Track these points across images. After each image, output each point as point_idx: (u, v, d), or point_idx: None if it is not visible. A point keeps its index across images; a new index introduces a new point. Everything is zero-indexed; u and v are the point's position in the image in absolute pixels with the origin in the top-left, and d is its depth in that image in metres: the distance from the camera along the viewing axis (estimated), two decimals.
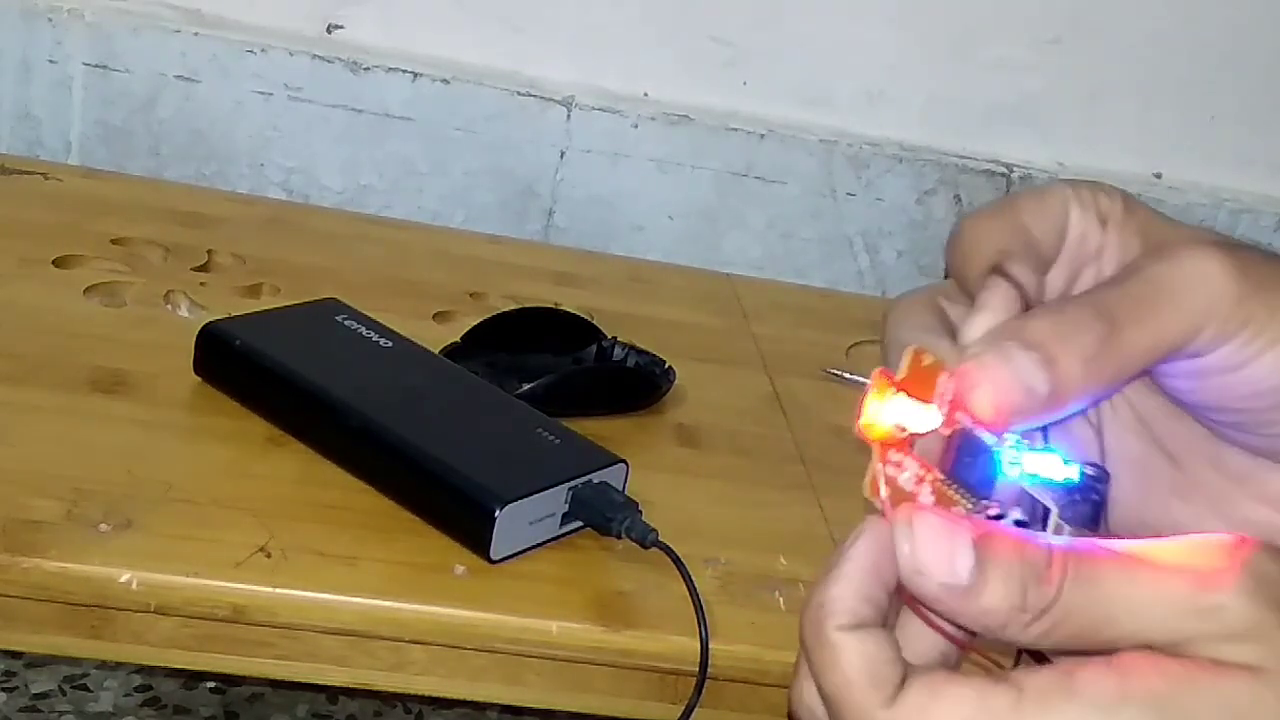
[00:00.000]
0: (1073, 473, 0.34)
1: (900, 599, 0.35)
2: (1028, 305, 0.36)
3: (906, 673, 0.33)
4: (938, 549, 0.32)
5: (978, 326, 0.35)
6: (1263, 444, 0.38)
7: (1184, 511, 0.40)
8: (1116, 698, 0.31)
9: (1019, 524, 0.33)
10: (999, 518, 0.33)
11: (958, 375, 0.34)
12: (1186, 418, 0.39)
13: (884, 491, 0.34)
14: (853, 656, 0.33)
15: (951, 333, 0.38)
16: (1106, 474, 0.36)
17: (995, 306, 0.36)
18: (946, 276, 0.40)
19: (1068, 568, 0.32)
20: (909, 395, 0.34)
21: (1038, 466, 0.34)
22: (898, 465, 0.34)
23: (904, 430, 0.34)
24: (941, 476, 0.34)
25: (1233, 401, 0.37)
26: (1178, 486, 0.40)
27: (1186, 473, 0.40)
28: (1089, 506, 0.34)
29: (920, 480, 0.34)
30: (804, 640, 0.34)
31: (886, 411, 0.34)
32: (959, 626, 0.34)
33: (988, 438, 0.33)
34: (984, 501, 0.34)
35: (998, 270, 0.36)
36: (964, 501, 0.34)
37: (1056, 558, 0.32)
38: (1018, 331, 0.34)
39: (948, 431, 0.34)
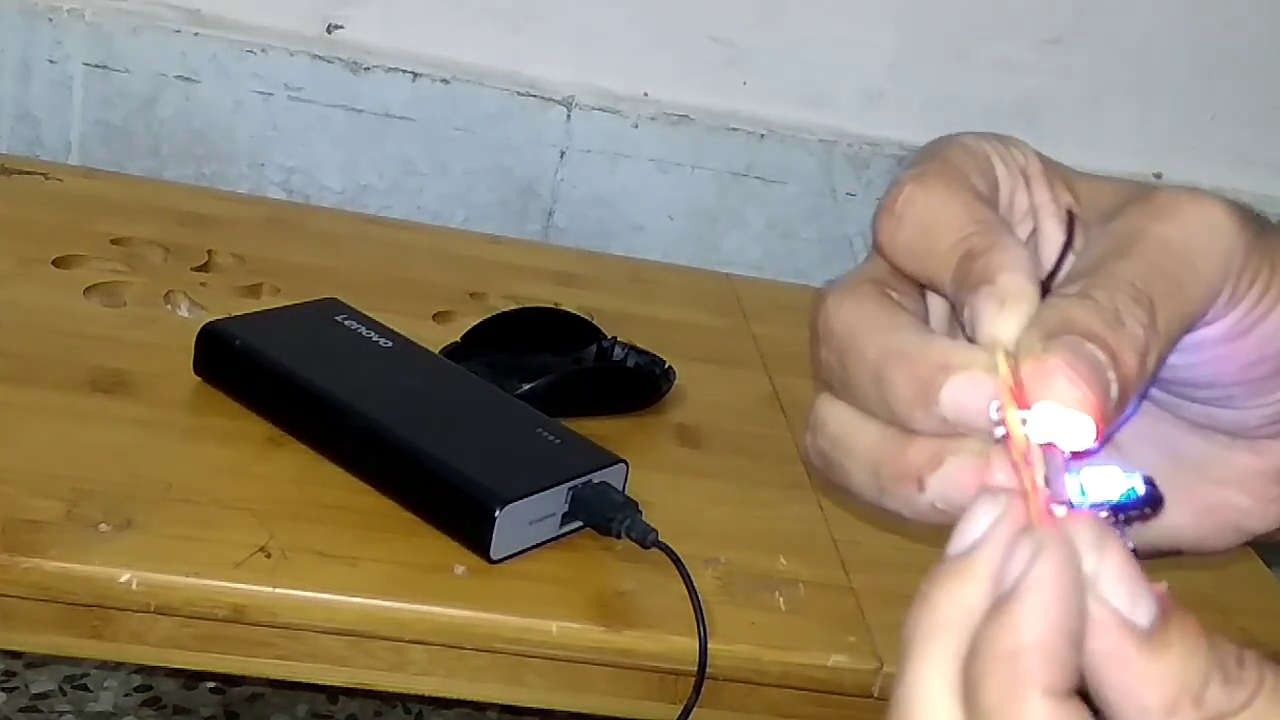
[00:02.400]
0: (1136, 484, 0.30)
1: None
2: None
3: None
4: (1124, 578, 0.27)
5: (1013, 320, 0.30)
6: (1247, 417, 0.36)
7: (1173, 520, 0.37)
8: None
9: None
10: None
11: (1040, 375, 0.29)
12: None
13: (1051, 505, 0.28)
14: None
15: (921, 325, 0.33)
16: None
17: (1027, 294, 0.30)
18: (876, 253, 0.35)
19: (1265, 678, 0.27)
20: (1043, 401, 0.29)
21: (1099, 481, 0.30)
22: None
23: (1055, 449, 0.29)
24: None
25: (1229, 374, 0.34)
26: (1168, 488, 0.36)
27: (1138, 466, 0.37)
28: (1140, 518, 0.30)
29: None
30: (983, 696, 0.26)
31: (1034, 427, 0.29)
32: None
33: (1062, 455, 0.29)
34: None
35: (997, 252, 0.31)
36: None
37: (1251, 660, 0.27)
38: (1068, 325, 0.30)
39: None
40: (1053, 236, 0.36)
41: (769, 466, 0.90)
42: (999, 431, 0.30)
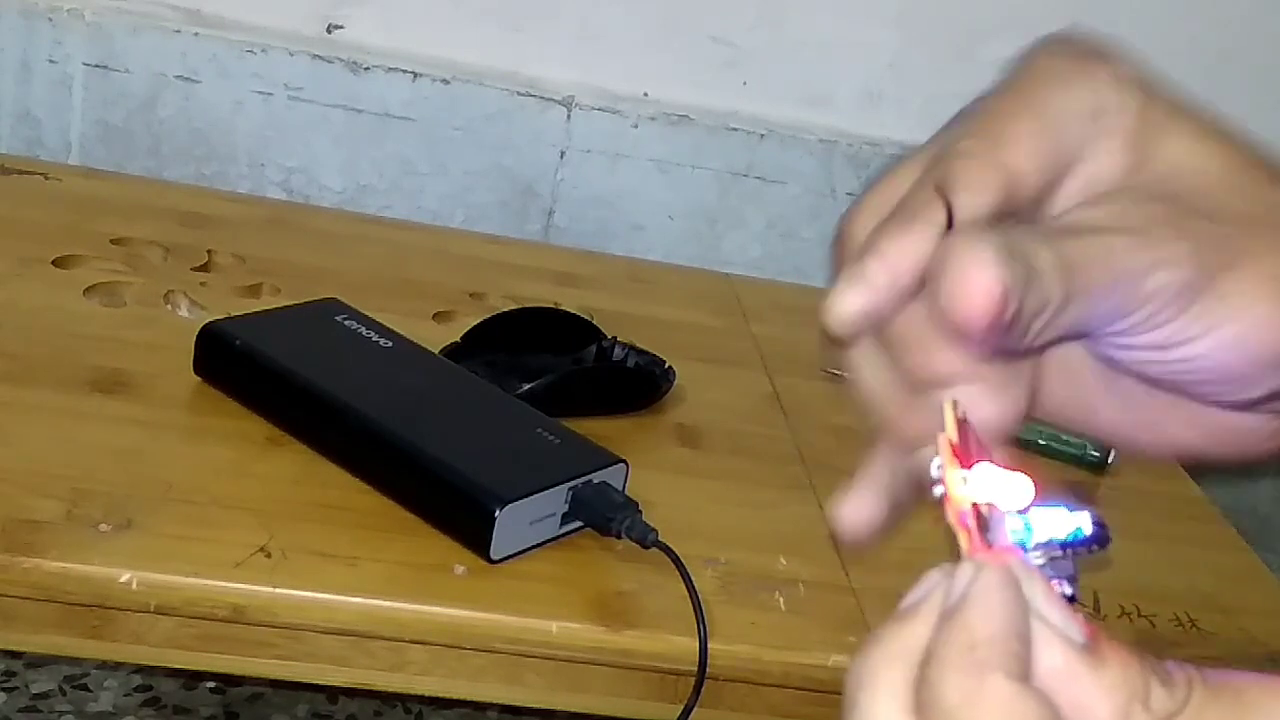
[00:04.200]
0: (1083, 522, 0.31)
1: None
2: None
3: None
4: (1055, 602, 0.29)
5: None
6: (1241, 404, 0.37)
7: (1112, 420, 0.39)
8: None
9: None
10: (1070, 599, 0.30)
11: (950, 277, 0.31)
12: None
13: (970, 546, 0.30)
14: (1036, 713, 0.27)
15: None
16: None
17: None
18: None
19: (1194, 678, 0.29)
20: (985, 462, 0.31)
21: (1046, 521, 0.31)
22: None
23: (992, 509, 0.30)
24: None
25: (1221, 376, 0.35)
26: (1109, 395, 0.38)
27: (1119, 385, 0.38)
28: (1088, 554, 0.31)
29: None
30: (944, 695, 0.27)
31: (973, 488, 0.30)
32: None
33: (1012, 505, 0.30)
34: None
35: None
36: None
37: (1175, 664, 0.29)
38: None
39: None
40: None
41: (769, 466, 0.90)
42: (938, 490, 0.31)
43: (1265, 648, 0.83)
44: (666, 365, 0.94)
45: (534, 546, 0.74)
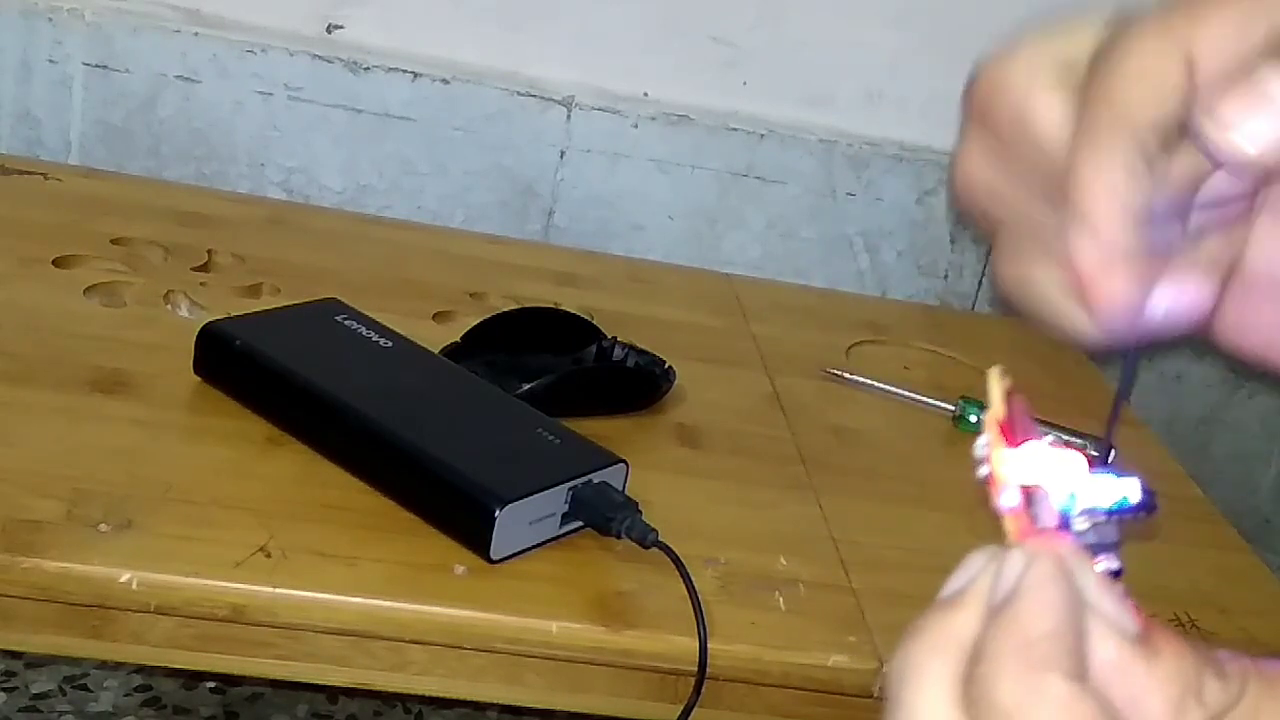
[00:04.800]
0: (1130, 490, 0.30)
1: None
2: None
3: None
4: (1107, 592, 0.28)
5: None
6: None
7: None
8: None
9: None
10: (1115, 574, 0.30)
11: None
12: None
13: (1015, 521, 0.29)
14: (1094, 715, 0.26)
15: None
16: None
17: None
18: None
19: (1248, 669, 0.28)
20: (1031, 441, 0.30)
21: (1094, 490, 0.30)
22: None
23: (1041, 489, 0.30)
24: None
25: None
26: None
27: None
28: (1134, 520, 0.31)
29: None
30: (1000, 693, 0.26)
31: (1020, 467, 0.30)
32: None
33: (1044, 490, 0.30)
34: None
35: None
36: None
37: (1229, 655, 0.28)
38: None
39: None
40: None
41: (769, 466, 0.90)
42: (983, 470, 0.30)
43: (1265, 648, 0.83)
44: (666, 365, 0.94)
45: (534, 546, 0.74)
